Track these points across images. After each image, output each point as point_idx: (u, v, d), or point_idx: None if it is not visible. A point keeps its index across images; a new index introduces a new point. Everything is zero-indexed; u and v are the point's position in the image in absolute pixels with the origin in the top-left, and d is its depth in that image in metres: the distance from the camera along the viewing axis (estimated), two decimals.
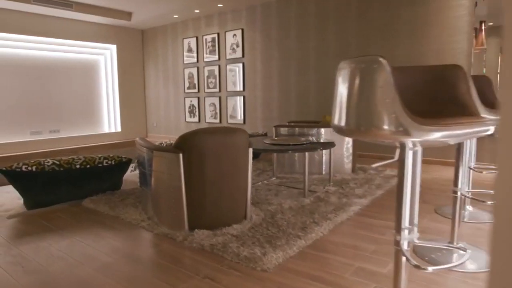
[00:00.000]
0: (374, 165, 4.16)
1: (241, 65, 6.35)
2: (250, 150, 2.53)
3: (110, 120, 7.64)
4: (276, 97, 6.01)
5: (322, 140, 4.03)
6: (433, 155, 4.73)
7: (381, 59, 1.08)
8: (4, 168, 2.99)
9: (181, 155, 2.29)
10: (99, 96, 7.47)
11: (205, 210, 2.37)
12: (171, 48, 7.45)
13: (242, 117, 6.44)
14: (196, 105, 7.13)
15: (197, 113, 7.13)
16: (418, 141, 1.19)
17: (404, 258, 1.37)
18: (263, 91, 6.16)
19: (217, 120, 6.80)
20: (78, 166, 3.23)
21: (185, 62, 7.21)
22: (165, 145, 6.13)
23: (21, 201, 4.37)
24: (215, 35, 6.65)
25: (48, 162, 3.17)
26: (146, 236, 2.42)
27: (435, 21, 4.51)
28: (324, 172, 4.21)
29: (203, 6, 6.15)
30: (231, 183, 2.41)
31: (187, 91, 7.25)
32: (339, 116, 1.27)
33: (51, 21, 6.53)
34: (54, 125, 6.83)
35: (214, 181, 2.34)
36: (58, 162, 3.19)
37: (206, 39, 6.80)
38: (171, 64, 7.50)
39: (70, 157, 3.32)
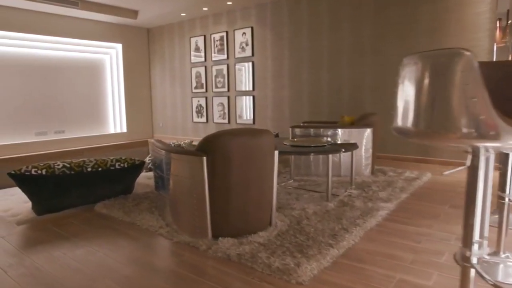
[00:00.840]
0: (445, 172, 4.10)
1: (250, 64, 6.20)
2: (276, 152, 2.38)
3: (115, 121, 7.50)
4: (287, 97, 5.86)
5: (339, 141, 3.88)
6: (453, 156, 4.58)
7: (466, 52, 0.94)
8: (13, 172, 2.84)
9: (204, 158, 2.15)
10: (104, 96, 7.33)
11: (230, 217, 2.22)
12: (178, 47, 7.30)
13: (252, 117, 6.29)
14: (203, 105, 6.98)
15: (204, 113, 6.98)
16: (498, 146, 1.04)
17: (472, 275, 1.22)
18: (274, 90, 6.01)
19: (226, 120, 6.66)
20: (89, 169, 3.08)
21: (192, 61, 7.07)
22: (173, 146, 5.98)
23: (28, 204, 4.22)
24: (224, 34, 6.50)
25: (58, 165, 3.03)
26: (165, 245, 2.27)
27: (455, 18, 4.36)
28: (342, 174, 4.07)
29: (212, 4, 6.00)
30: (257, 187, 2.26)
31: (194, 90, 7.10)
32: (404, 117, 1.13)
33: (56, 20, 6.39)
34: (59, 125, 6.69)
35: (240, 186, 2.20)
36: (68, 165, 3.04)
37: (214, 38, 6.65)
38: (178, 63, 7.36)
39: (80, 159, 3.18)
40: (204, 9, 6.29)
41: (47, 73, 6.43)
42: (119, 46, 7.38)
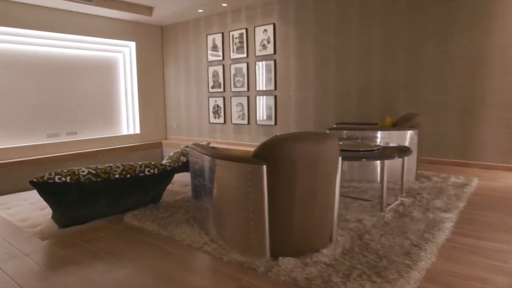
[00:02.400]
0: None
1: (272, 62, 5.91)
2: (340, 159, 2.09)
3: (129, 122, 7.21)
4: (312, 97, 5.57)
5: (380, 144, 3.58)
6: (494, 159, 4.28)
7: None
8: (35, 180, 2.56)
9: (265, 167, 1.85)
10: (117, 96, 7.05)
11: (292, 233, 1.93)
12: (194, 45, 7.02)
13: (274, 118, 6.00)
14: (221, 105, 6.69)
15: (222, 114, 6.69)
16: None
17: None
18: (297, 90, 5.72)
19: (245, 121, 6.37)
20: (117, 176, 2.80)
21: (209, 60, 6.78)
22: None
23: (45, 212, 3.94)
24: (243, 31, 6.21)
25: (83, 171, 2.74)
26: (215, 266, 1.98)
27: (501, 12, 4.06)
28: (379, 180, 3.77)
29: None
30: (321, 199, 1.97)
31: (211, 90, 6.81)
32: None
33: (70, 17, 6.11)
34: (72, 127, 6.41)
35: (304, 198, 1.90)
36: (94, 172, 2.76)
37: (233, 35, 6.37)
38: (193, 62, 7.07)
39: (106, 165, 2.89)
40: (224, 5, 6.01)
41: (59, 72, 6.16)
42: (132, 44, 7.10)
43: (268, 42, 5.93)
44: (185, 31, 7.14)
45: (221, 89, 6.65)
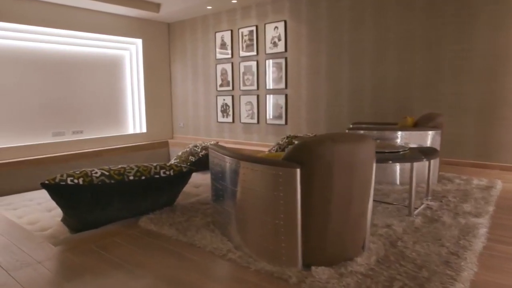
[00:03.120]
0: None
1: (283, 60, 5.78)
2: (374, 162, 1.96)
3: (135, 120, 7.09)
4: (324, 96, 5.43)
5: (400, 145, 3.45)
6: (492, 158, 4.14)
7: None
8: (46, 182, 2.43)
9: (298, 170, 1.72)
10: (123, 94, 6.92)
11: (326, 241, 1.80)
12: (201, 42, 6.88)
13: (284, 117, 5.86)
14: (230, 104, 6.56)
15: (231, 113, 6.56)
16: None
17: None
18: (309, 89, 5.58)
19: (254, 120, 6.23)
20: (131, 178, 2.67)
21: (217, 58, 6.64)
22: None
23: (53, 213, 3.81)
24: (253, 28, 6.07)
25: (96, 173, 2.62)
26: (242, 275, 1.85)
27: None
28: (398, 182, 3.65)
29: None
30: (357, 205, 1.84)
31: (219, 88, 6.68)
32: None
33: (75, 13, 5.98)
34: (77, 125, 6.28)
35: (340, 204, 1.77)
36: (107, 173, 2.63)
37: (242, 33, 6.23)
38: (201, 60, 6.94)
39: (120, 166, 2.77)
40: (233, 1, 5.87)
41: (64, 70, 6.03)
42: (139, 42, 6.96)
43: (279, 40, 5.79)
44: (192, 28, 7.00)
45: (230, 88, 6.51)
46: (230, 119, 6.58)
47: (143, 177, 2.70)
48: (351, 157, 1.75)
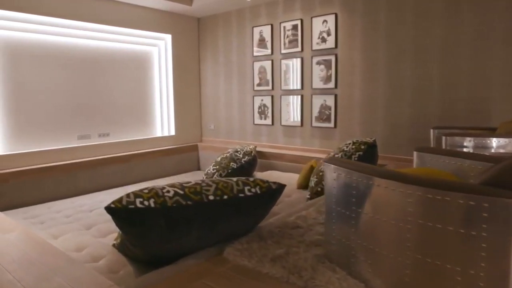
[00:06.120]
0: None
1: (332, 57, 5.23)
2: None
3: (163, 122, 6.56)
4: (381, 96, 4.89)
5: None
6: None
7: None
8: (112, 206, 1.89)
9: None
10: (151, 94, 6.39)
11: None
12: (236, 38, 6.35)
13: (333, 120, 5.32)
14: (268, 104, 6.02)
15: (269, 114, 6.02)
16: None
17: None
18: (363, 88, 5.04)
19: (298, 123, 5.69)
20: (211, 197, 2.12)
21: (254, 55, 6.11)
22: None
23: (91, 231, 3.29)
24: (298, 22, 5.53)
25: (168, 191, 2.07)
26: None
27: None
28: None
29: None
30: None
31: (256, 88, 6.14)
32: None
33: (100, 4, 5.45)
34: (103, 127, 5.76)
35: None
36: (182, 192, 2.09)
37: (284, 27, 5.69)
38: (235, 57, 6.40)
39: (193, 182, 2.22)
40: None
41: (89, 67, 5.50)
42: (168, 37, 6.43)
43: (328, 35, 5.25)
44: (226, 23, 6.47)
45: (269, 87, 5.97)
46: (268, 121, 6.04)
47: (225, 197, 2.15)
48: None
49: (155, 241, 2.02)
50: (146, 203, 1.97)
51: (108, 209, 1.90)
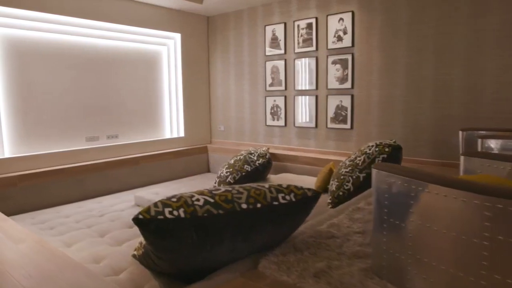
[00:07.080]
0: None
1: (349, 56, 5.07)
2: None
3: (172, 124, 6.40)
4: (400, 97, 4.73)
5: None
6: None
7: None
8: (140, 217, 1.72)
9: None
10: (160, 95, 6.23)
11: None
12: (248, 37, 6.19)
13: (350, 121, 5.15)
14: (281, 105, 5.85)
15: (282, 115, 5.86)
16: None
17: None
18: (381, 89, 4.87)
19: (312, 124, 5.53)
20: (244, 206, 1.96)
21: (267, 54, 5.95)
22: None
23: (105, 239, 3.13)
24: (312, 20, 5.37)
25: (198, 200, 1.91)
26: None
27: None
28: None
29: None
30: None
31: (269, 88, 5.98)
32: None
33: (109, 2, 5.28)
34: (112, 129, 5.60)
35: None
36: (212, 200, 1.92)
37: (298, 26, 5.53)
38: (247, 57, 6.24)
39: (224, 189, 2.06)
40: None
41: (98, 67, 5.34)
42: (177, 36, 6.27)
43: (345, 33, 5.09)
44: (237, 22, 6.31)
45: (282, 87, 5.81)
46: (281, 122, 5.88)
47: (258, 205, 1.99)
48: None
49: (184, 254, 1.86)
50: (175, 213, 1.80)
51: (136, 220, 1.73)
